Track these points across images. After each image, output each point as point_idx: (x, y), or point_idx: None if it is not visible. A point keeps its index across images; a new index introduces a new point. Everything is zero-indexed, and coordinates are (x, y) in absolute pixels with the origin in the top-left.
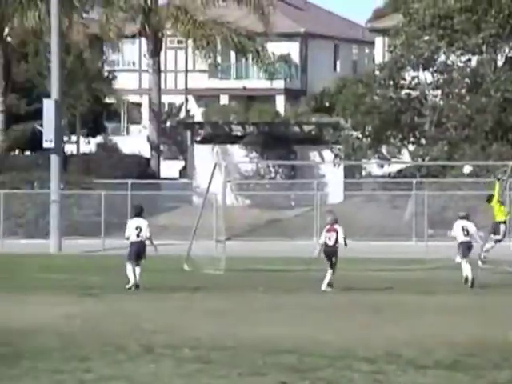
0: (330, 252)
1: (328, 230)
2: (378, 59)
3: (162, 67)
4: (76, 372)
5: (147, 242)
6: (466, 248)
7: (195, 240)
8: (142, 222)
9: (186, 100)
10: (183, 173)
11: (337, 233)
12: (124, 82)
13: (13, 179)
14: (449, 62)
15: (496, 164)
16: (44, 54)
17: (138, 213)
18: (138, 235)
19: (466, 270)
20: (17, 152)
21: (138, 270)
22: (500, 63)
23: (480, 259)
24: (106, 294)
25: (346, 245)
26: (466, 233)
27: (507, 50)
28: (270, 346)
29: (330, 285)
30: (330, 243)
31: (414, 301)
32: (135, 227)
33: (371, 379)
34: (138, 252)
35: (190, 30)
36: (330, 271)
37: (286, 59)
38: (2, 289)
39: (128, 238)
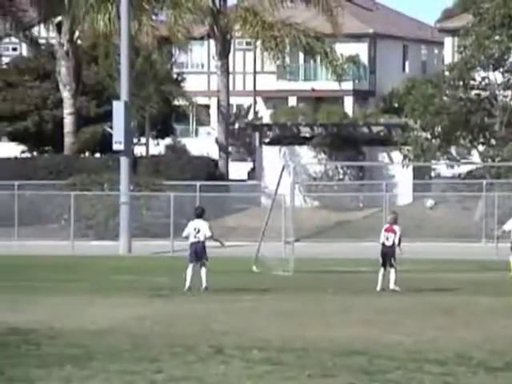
0: (387, 252)
1: (386, 230)
2: (448, 59)
3: (231, 69)
4: (146, 373)
5: (208, 242)
6: None
7: (264, 241)
8: (201, 224)
9: (255, 102)
10: (251, 174)
11: (395, 233)
12: (193, 83)
13: (83, 181)
14: None
15: None
16: (114, 56)
17: (199, 214)
18: (195, 236)
19: None
20: (87, 154)
21: (203, 271)
22: None
23: None
24: (175, 295)
25: (399, 246)
26: None
27: None
28: (340, 348)
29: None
30: (388, 243)
31: (486, 302)
32: (193, 228)
33: (441, 381)
34: (196, 252)
35: (258, 31)
36: (382, 270)
37: (354, 60)
38: (73, 291)
39: (187, 237)
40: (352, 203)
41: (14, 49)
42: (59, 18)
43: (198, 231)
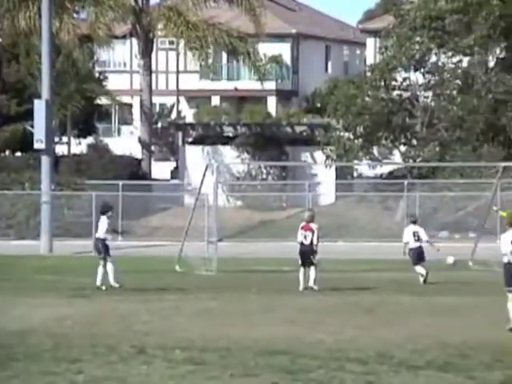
0: (306, 251)
1: (304, 228)
2: (370, 60)
3: (153, 68)
4: (67, 373)
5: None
6: (416, 254)
7: (187, 241)
8: (101, 221)
9: (178, 101)
10: (174, 174)
11: (313, 232)
12: (115, 82)
13: (3, 180)
14: (440, 63)
15: (487, 165)
16: (35, 54)
17: (101, 211)
18: (97, 233)
19: (422, 271)
20: (7, 153)
21: (107, 267)
22: (491, 64)
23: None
24: (97, 295)
25: (316, 246)
26: (416, 238)
27: (498, 51)
28: (263, 347)
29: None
30: (306, 242)
31: (407, 301)
32: (97, 225)
33: (362, 380)
34: (97, 249)
35: (182, 31)
36: (302, 269)
37: (277, 60)
38: None
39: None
40: (275, 203)
41: None
42: None
43: (97, 228)
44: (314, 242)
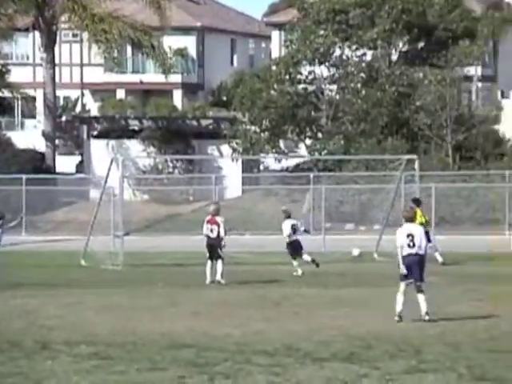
0: (213, 244)
1: (209, 222)
2: (275, 54)
3: (57, 61)
4: None
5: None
6: (294, 247)
7: (92, 235)
8: None
9: (82, 94)
10: (80, 168)
11: (218, 225)
12: (18, 75)
13: None
14: (344, 57)
15: (391, 158)
16: None
17: None
18: None
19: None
20: None
21: None
22: (394, 58)
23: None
24: (1, 290)
25: (223, 239)
26: (293, 231)
27: (401, 45)
28: (169, 342)
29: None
30: (213, 235)
31: (313, 294)
32: None
33: (269, 372)
34: None
35: (87, 24)
36: (209, 263)
37: (182, 53)
38: None
39: None
40: (181, 196)
41: None
42: None
43: None
44: (221, 235)
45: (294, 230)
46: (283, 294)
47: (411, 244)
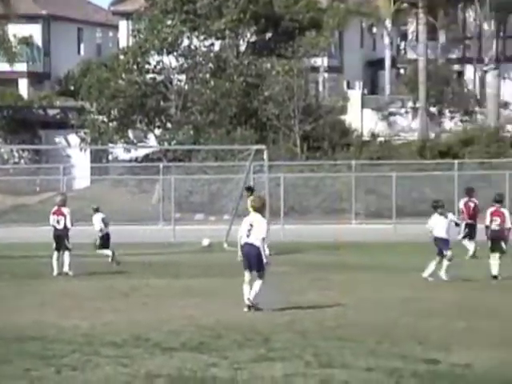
0: (60, 236)
1: (56, 213)
2: (123, 43)
3: None
4: None
5: None
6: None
7: None
8: None
9: None
10: None
11: (65, 217)
12: None
13: None
14: (192, 47)
15: (240, 148)
16: None
17: None
18: None
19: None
20: None
21: None
22: (242, 48)
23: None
24: None
25: (69, 229)
26: (104, 225)
27: (249, 36)
28: (14, 334)
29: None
30: (59, 227)
31: (163, 284)
32: None
33: (117, 363)
34: None
35: None
36: (56, 254)
37: (27, 42)
38: None
39: None
40: (28, 187)
41: None
42: None
43: None
44: (68, 226)
45: (105, 223)
46: (131, 284)
47: (248, 234)
